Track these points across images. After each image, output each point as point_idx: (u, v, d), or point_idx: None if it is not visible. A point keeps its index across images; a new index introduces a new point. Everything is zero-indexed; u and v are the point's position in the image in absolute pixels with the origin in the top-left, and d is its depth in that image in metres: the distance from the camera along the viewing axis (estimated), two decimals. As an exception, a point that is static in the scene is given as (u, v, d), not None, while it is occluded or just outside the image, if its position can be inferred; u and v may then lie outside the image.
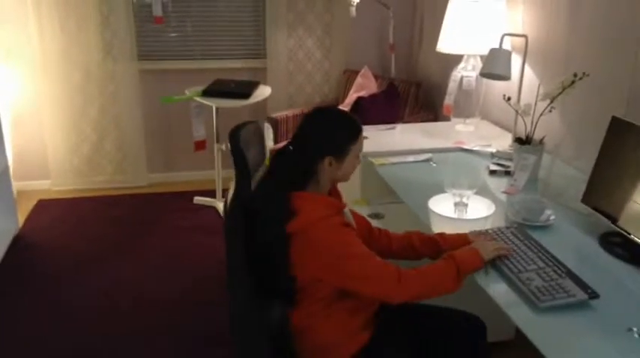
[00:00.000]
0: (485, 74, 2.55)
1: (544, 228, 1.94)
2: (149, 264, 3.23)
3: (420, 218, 2.08)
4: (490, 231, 1.88)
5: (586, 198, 1.99)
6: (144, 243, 3.45)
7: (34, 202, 4.01)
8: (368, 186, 2.73)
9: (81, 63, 3.97)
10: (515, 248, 1.76)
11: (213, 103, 3.55)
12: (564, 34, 2.58)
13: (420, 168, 2.56)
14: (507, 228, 1.90)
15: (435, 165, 2.59)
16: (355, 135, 1.67)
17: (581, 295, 1.51)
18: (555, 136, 2.65)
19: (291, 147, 1.68)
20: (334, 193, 1.79)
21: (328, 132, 1.66)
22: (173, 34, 4.21)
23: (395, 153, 2.71)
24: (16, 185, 4.08)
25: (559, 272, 1.61)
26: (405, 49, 4.46)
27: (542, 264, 1.66)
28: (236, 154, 1.66)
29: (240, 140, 1.67)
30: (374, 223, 2.20)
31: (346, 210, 1.71)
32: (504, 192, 2.27)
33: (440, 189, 2.23)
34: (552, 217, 1.98)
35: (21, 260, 3.29)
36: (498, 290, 1.59)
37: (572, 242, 1.87)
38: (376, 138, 2.91)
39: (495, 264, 1.70)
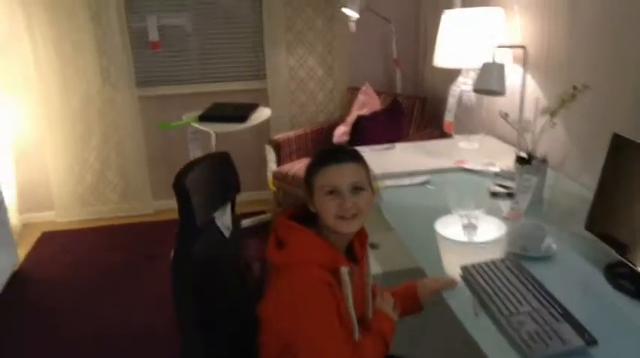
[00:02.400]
0: (478, 90, 2.41)
1: (544, 258, 1.78)
2: (153, 296, 3.14)
3: (409, 248, 1.94)
4: (483, 266, 1.73)
5: (589, 224, 1.82)
6: (149, 274, 3.38)
7: (39, 234, 3.97)
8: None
9: (79, 91, 3.94)
10: (509, 284, 1.60)
11: (209, 128, 3.46)
12: (564, 44, 2.42)
13: (416, 191, 2.41)
14: (502, 260, 1.75)
15: (432, 188, 2.44)
16: (314, 166, 1.45)
17: (577, 341, 1.34)
18: (560, 152, 2.48)
19: None
20: (359, 249, 1.57)
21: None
22: (171, 59, 4.15)
23: (390, 175, 2.56)
24: (21, 218, 4.07)
25: (555, 313, 1.45)
26: (410, 64, 4.32)
27: (536, 304, 1.50)
28: (181, 203, 1.49)
29: (185, 187, 1.48)
30: (370, 253, 2.08)
31: (344, 269, 1.43)
32: (505, 218, 2.11)
33: (436, 214, 2.09)
34: (554, 246, 1.82)
35: (19, 295, 3.24)
36: (487, 336, 1.43)
37: (574, 274, 1.71)
38: (371, 160, 2.71)
39: (485, 303, 1.55)
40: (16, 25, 3.79)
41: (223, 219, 1.69)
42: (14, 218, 3.94)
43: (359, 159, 1.48)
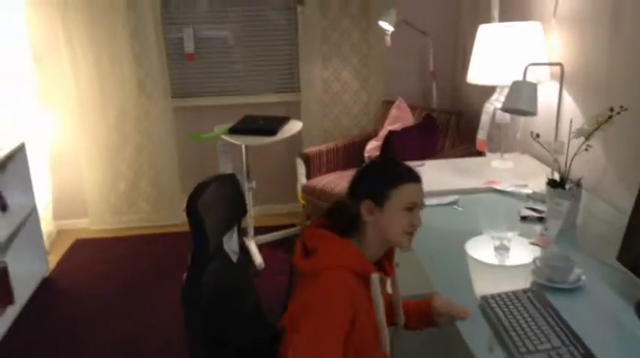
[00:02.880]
0: (507, 110, 2.30)
1: (572, 290, 1.67)
2: (179, 308, 3.12)
3: (428, 271, 1.85)
4: (504, 296, 1.63)
5: (622, 256, 1.69)
6: (175, 288, 3.36)
7: (72, 241, 4.03)
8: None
9: (115, 101, 3.99)
10: (529, 319, 1.50)
11: (238, 141, 3.45)
12: (604, 62, 2.29)
13: (443, 212, 2.31)
14: (525, 291, 1.64)
15: (460, 209, 2.34)
16: (395, 179, 1.48)
17: (598, 387, 1.24)
18: (596, 175, 2.35)
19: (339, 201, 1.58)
20: (388, 265, 1.58)
21: (369, 174, 1.55)
22: (206, 71, 4.17)
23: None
24: (56, 224, 4.15)
25: (576, 354, 1.34)
26: (447, 78, 4.22)
27: (557, 342, 1.39)
28: (195, 227, 1.49)
29: (199, 211, 1.49)
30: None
31: (375, 276, 1.45)
32: (533, 244, 2.00)
33: (461, 237, 2.02)
34: (583, 278, 1.70)
35: (47, 303, 3.28)
36: (500, 375, 1.34)
37: (602, 310, 1.59)
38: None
39: (502, 338, 1.45)
40: (56, 38, 3.87)
41: (231, 244, 1.65)
42: (49, 224, 4.01)
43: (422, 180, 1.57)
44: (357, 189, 1.53)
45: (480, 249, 1.97)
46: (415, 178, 1.52)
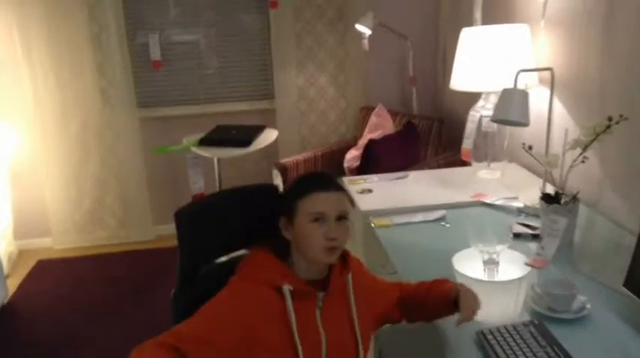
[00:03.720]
0: (497, 120, 2.14)
1: (575, 321, 1.51)
2: (149, 331, 2.91)
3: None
4: (502, 330, 1.46)
5: (629, 282, 1.54)
6: (145, 308, 3.16)
7: (34, 262, 3.79)
8: (371, 251, 2.32)
9: (77, 113, 3.77)
10: (532, 356, 1.33)
11: (209, 153, 3.25)
12: (598, 67, 2.15)
13: (430, 229, 2.14)
14: (525, 324, 1.47)
15: (447, 225, 2.18)
16: (300, 189, 1.39)
17: None
18: (594, 188, 2.20)
19: None
20: (335, 275, 1.44)
21: (284, 190, 1.50)
22: (174, 79, 3.96)
23: (401, 210, 2.30)
24: (17, 244, 3.90)
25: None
26: (428, 83, 4.07)
27: (567, 389, 1.23)
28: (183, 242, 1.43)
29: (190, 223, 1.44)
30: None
31: (286, 288, 1.35)
32: (528, 265, 1.84)
33: (449, 257, 1.88)
34: (588, 306, 1.54)
35: (6, 330, 3.04)
36: None
37: (610, 342, 1.43)
38: (381, 191, 2.51)
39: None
40: (13, 49, 3.65)
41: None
42: (10, 244, 3.77)
43: (343, 188, 1.44)
44: (277, 204, 1.47)
45: (469, 264, 1.84)
46: (323, 186, 1.39)
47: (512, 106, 2.02)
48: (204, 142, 3.33)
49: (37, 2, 3.55)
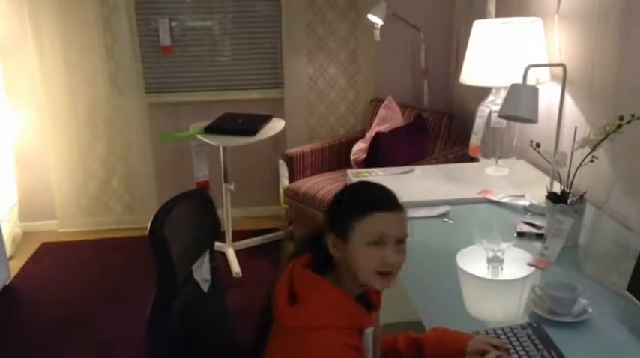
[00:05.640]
0: (505, 116, 2.08)
1: (576, 324, 1.47)
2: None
3: (411, 294, 1.65)
4: (499, 333, 1.42)
5: (633, 286, 1.49)
6: (148, 294, 3.11)
7: (38, 245, 3.79)
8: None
9: (86, 97, 3.74)
10: (529, 362, 1.30)
11: (215, 141, 3.22)
12: (612, 65, 2.08)
13: (432, 226, 2.11)
14: (524, 326, 1.43)
15: (451, 222, 2.14)
16: (359, 207, 1.23)
17: None
18: (602, 189, 2.14)
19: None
20: (373, 295, 1.36)
21: (336, 203, 1.31)
22: (183, 65, 3.92)
23: (404, 205, 2.24)
24: (22, 226, 3.91)
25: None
26: (440, 76, 4.00)
27: (562, 395, 1.19)
28: (159, 256, 1.30)
29: (164, 237, 1.31)
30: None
31: (369, 331, 1.26)
32: (531, 265, 1.80)
33: (452, 255, 1.84)
34: (589, 310, 1.50)
35: (6, 313, 3.05)
36: None
37: (611, 347, 1.39)
38: (385, 185, 2.47)
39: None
40: (23, 31, 3.62)
41: (201, 272, 1.43)
42: (15, 226, 3.77)
43: (404, 207, 1.30)
44: (324, 219, 1.30)
45: (472, 262, 1.80)
46: (388, 205, 1.25)
47: (520, 102, 1.96)
48: (210, 130, 3.30)
49: (49, -16, 3.53)
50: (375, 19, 3.54)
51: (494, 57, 2.42)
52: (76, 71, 3.69)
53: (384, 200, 1.26)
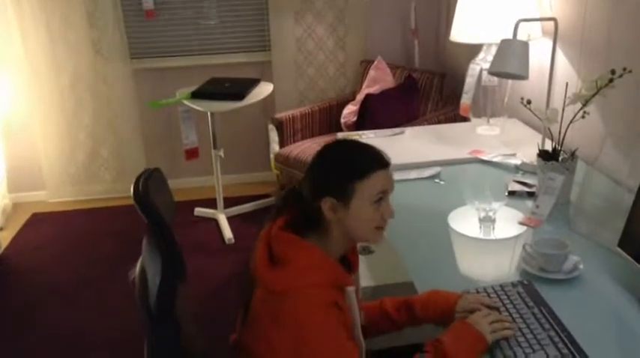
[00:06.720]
0: (495, 73, 2.04)
1: (567, 281, 1.46)
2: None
3: (402, 256, 1.65)
4: (490, 291, 1.41)
5: (624, 242, 1.48)
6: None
7: (29, 216, 3.76)
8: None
9: (69, 65, 3.67)
10: (520, 320, 1.29)
11: (202, 107, 3.17)
12: (604, 19, 2.04)
13: (423, 187, 2.09)
14: (514, 284, 1.43)
15: (442, 183, 2.12)
16: (361, 171, 1.25)
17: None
18: (594, 145, 2.12)
19: (297, 187, 1.33)
20: (352, 257, 1.40)
21: (329, 167, 1.30)
22: (167, 29, 3.83)
23: (395, 167, 2.20)
24: (11, 197, 3.87)
25: (573, 363, 1.14)
26: (430, 35, 3.93)
27: (553, 352, 1.18)
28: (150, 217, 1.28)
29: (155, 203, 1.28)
30: (362, 259, 1.79)
31: (351, 289, 1.27)
32: (522, 224, 1.78)
33: (444, 216, 1.82)
34: (580, 266, 1.49)
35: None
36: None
37: (602, 303, 1.38)
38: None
39: (489, 346, 1.24)
40: (2, 1, 3.52)
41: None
42: (4, 197, 3.74)
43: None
44: (315, 183, 1.28)
45: (464, 222, 1.79)
46: (385, 163, 1.29)
47: (510, 58, 1.92)
48: (196, 95, 3.25)
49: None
50: (363, -23, 3.46)
51: (485, 13, 2.37)
52: (58, 40, 3.61)
53: (381, 158, 1.29)
